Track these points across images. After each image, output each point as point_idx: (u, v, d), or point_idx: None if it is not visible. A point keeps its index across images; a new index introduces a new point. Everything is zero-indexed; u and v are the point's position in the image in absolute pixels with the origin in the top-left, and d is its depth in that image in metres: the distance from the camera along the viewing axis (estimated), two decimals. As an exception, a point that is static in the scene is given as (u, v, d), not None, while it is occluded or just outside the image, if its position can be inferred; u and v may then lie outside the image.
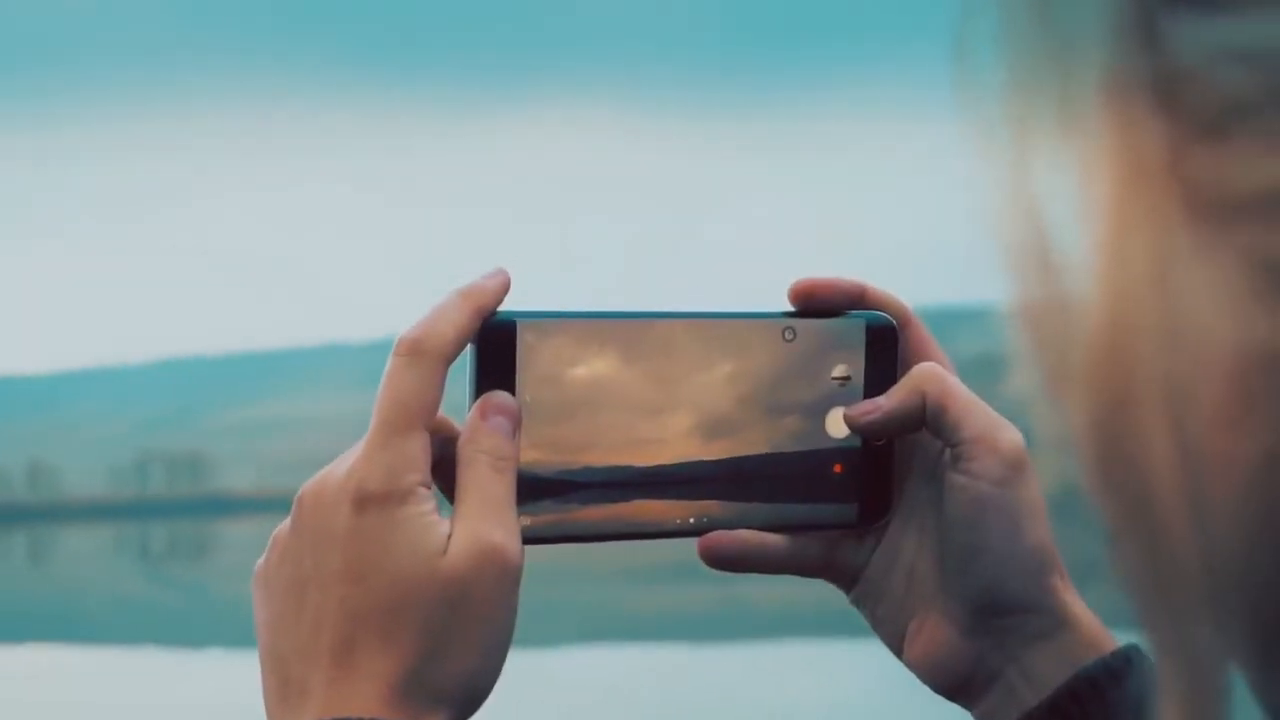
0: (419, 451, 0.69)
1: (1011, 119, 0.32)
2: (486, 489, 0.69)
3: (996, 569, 0.74)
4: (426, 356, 0.69)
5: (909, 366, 0.77)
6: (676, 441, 0.76)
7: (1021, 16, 0.32)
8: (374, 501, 0.68)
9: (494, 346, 0.72)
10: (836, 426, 0.78)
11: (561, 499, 0.74)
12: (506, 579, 0.68)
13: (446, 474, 0.71)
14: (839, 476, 0.79)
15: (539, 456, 0.73)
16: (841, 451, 0.78)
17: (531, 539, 0.72)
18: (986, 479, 0.73)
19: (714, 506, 0.77)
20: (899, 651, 0.78)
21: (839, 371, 0.78)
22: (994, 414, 0.74)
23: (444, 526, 0.68)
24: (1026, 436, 0.73)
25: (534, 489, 0.73)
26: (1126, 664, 0.72)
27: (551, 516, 0.74)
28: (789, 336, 0.77)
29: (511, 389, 0.72)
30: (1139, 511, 0.32)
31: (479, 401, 0.72)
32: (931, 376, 0.76)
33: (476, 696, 0.69)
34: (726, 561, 0.77)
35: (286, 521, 0.71)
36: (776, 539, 0.78)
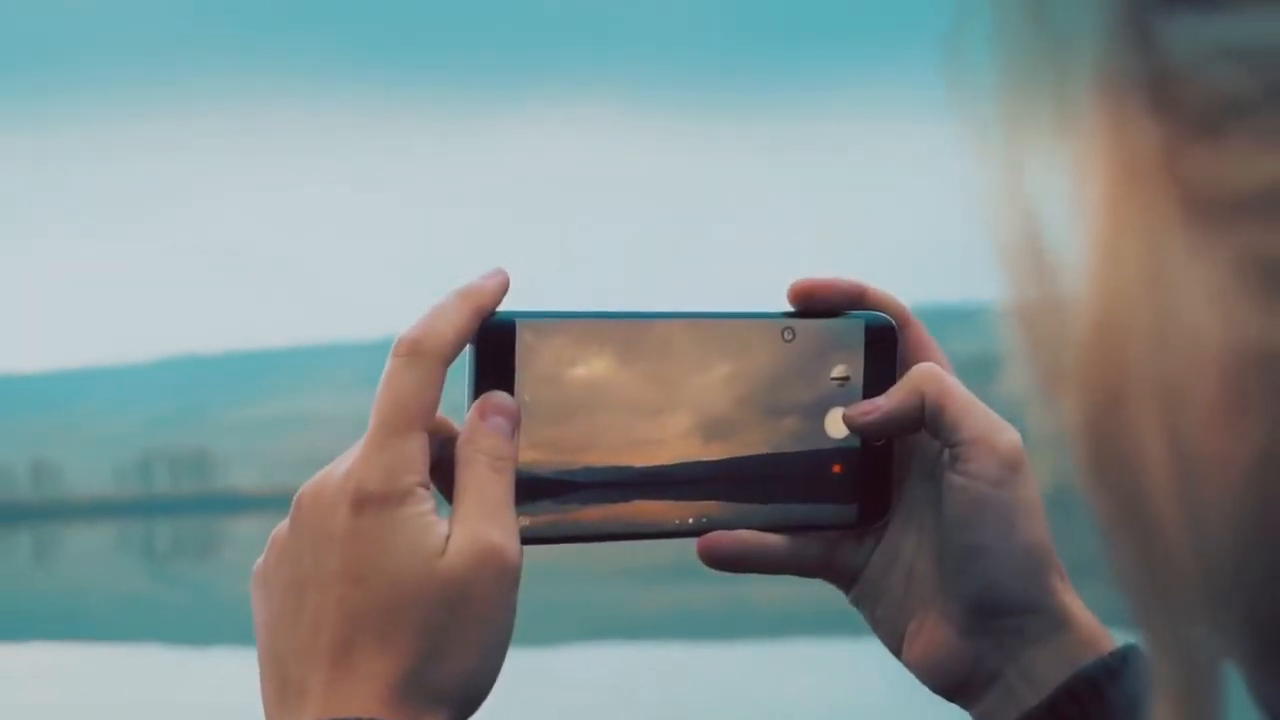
0: (418, 452, 0.69)
1: (1005, 118, 0.32)
2: (485, 489, 0.69)
3: (995, 569, 0.73)
4: (425, 357, 0.69)
5: (908, 367, 0.77)
6: (676, 442, 0.76)
7: (1015, 15, 0.32)
8: (373, 502, 0.68)
9: (493, 347, 0.72)
10: (836, 427, 0.78)
11: (560, 499, 0.74)
12: (505, 579, 0.68)
13: (445, 474, 0.71)
14: (838, 477, 0.78)
15: (538, 457, 0.73)
16: (841, 452, 0.78)
17: (530, 539, 0.72)
18: (985, 479, 0.73)
19: (713, 507, 0.77)
20: (898, 652, 0.78)
21: (838, 372, 0.78)
22: (993, 415, 0.74)
23: (442, 527, 0.68)
24: (1021, 435, 0.73)
25: (533, 489, 0.73)
26: (1125, 664, 0.72)
27: (550, 517, 0.74)
28: (788, 337, 0.77)
29: (510, 389, 0.72)
30: (1133, 510, 0.32)
31: (478, 402, 0.72)
32: (930, 377, 0.76)
33: (475, 697, 0.69)
34: (726, 562, 0.77)
35: (285, 522, 0.71)
36: (776, 539, 0.78)
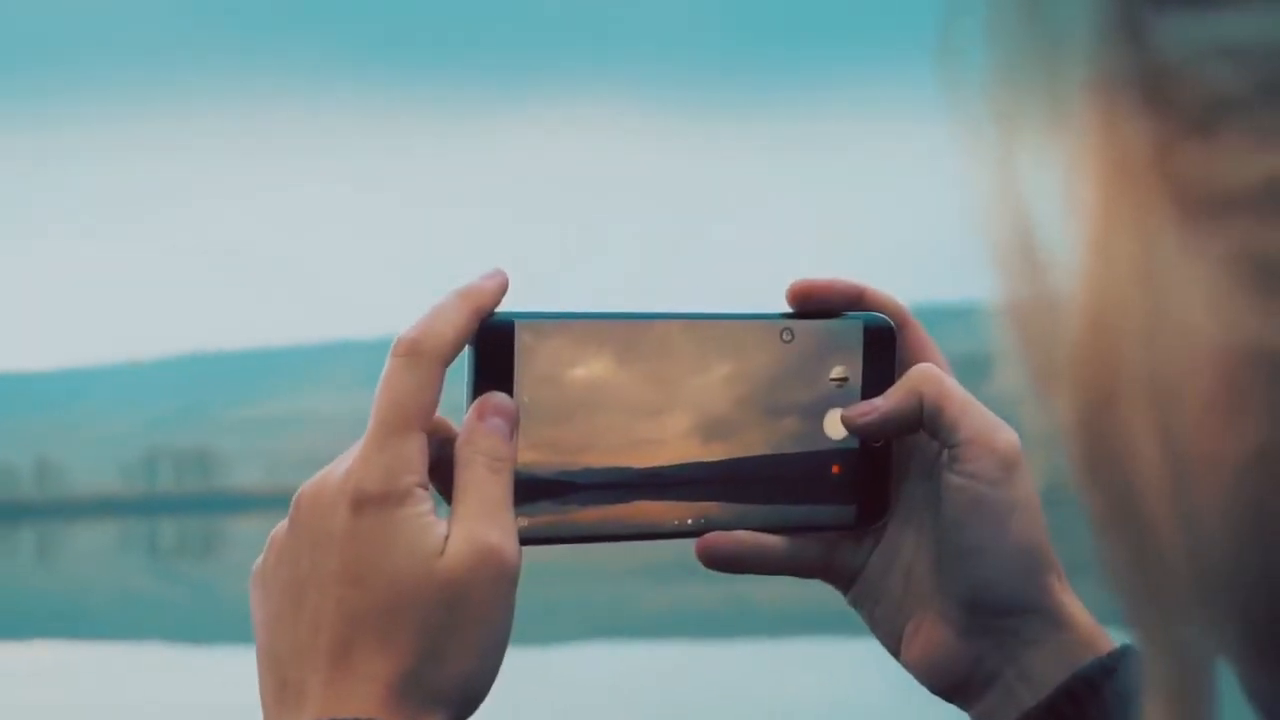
0: (416, 453, 0.69)
1: (998, 116, 0.32)
2: (484, 490, 0.69)
3: (993, 569, 0.73)
4: (424, 357, 0.69)
5: (907, 368, 0.77)
6: (674, 442, 0.75)
7: (1008, 14, 0.32)
8: (372, 503, 0.67)
9: (492, 347, 0.72)
10: (834, 428, 0.78)
11: (559, 500, 0.74)
12: (504, 580, 0.68)
13: (444, 475, 0.71)
14: (837, 477, 0.78)
15: (537, 457, 0.73)
16: (839, 453, 0.78)
17: (529, 540, 0.72)
18: (983, 479, 0.73)
19: (712, 508, 0.77)
20: (896, 652, 0.78)
21: (837, 373, 0.78)
22: (991, 415, 0.74)
23: (441, 528, 0.68)
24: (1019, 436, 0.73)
25: (532, 490, 0.73)
26: (1123, 664, 0.72)
27: (549, 517, 0.74)
28: (787, 338, 0.77)
29: (509, 390, 0.72)
30: (1126, 509, 0.32)
31: (476, 402, 0.71)
32: (929, 377, 0.76)
33: (474, 697, 0.69)
34: (724, 562, 0.77)
35: (284, 522, 0.71)
36: (774, 540, 0.78)
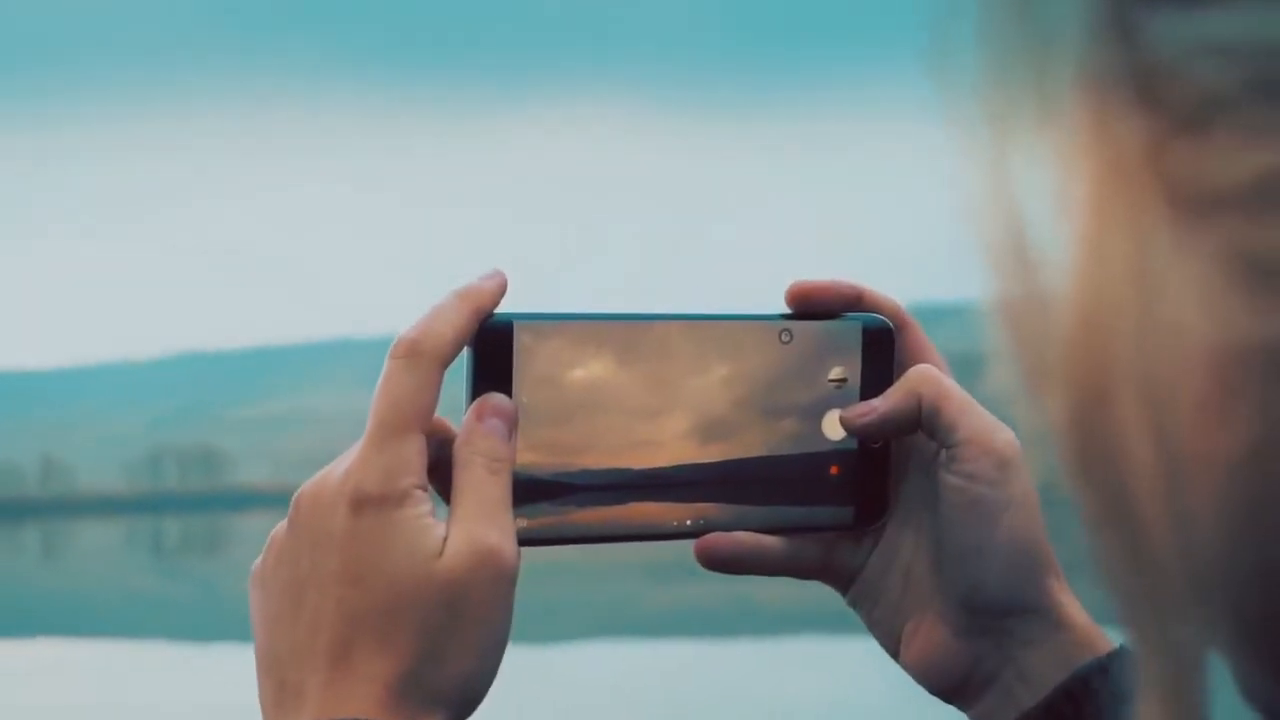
0: (415, 454, 0.68)
1: (990, 115, 0.32)
2: (482, 491, 0.69)
3: (991, 570, 0.73)
4: (423, 358, 0.69)
5: (905, 369, 0.77)
6: (673, 444, 0.75)
7: (1000, 13, 0.32)
8: (371, 503, 0.67)
9: (491, 348, 0.72)
10: (833, 429, 0.78)
11: (558, 501, 0.74)
12: (502, 581, 0.68)
13: (443, 476, 0.71)
14: (835, 478, 0.78)
15: (536, 458, 0.73)
16: (838, 454, 0.78)
17: (528, 541, 0.72)
18: (981, 480, 0.73)
19: (711, 509, 0.77)
20: (895, 653, 0.78)
21: (835, 374, 0.78)
22: (989, 415, 0.74)
23: (440, 529, 0.68)
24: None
25: (531, 491, 0.73)
26: (1121, 664, 0.72)
27: (548, 518, 0.74)
28: (785, 339, 0.77)
29: (508, 391, 0.72)
30: (1119, 508, 0.32)
31: (475, 403, 0.71)
32: (927, 378, 0.75)
33: (473, 698, 0.69)
34: (723, 563, 0.77)
35: (284, 522, 0.71)
36: (773, 541, 0.78)
